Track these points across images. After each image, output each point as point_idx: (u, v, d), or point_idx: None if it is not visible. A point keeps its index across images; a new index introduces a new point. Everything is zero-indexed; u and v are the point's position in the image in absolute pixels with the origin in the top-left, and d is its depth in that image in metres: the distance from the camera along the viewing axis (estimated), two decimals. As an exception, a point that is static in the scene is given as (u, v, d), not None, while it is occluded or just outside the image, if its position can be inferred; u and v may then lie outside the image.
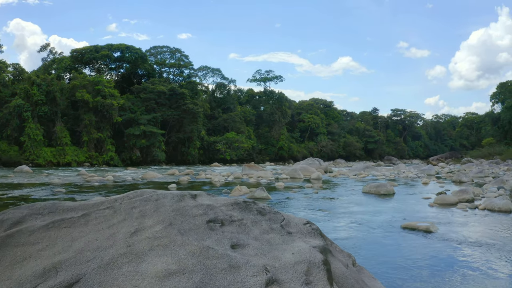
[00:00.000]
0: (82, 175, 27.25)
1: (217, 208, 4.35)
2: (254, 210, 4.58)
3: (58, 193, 15.98)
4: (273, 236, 4.08)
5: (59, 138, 48.70)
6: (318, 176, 25.12)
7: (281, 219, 4.57)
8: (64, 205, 4.51)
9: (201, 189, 18.70)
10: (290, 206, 13.05)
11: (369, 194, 16.67)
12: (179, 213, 4.07)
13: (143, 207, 4.24)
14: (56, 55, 60.96)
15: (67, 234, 3.84)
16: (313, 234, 4.45)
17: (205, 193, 4.92)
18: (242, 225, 4.14)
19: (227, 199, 4.78)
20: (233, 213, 4.34)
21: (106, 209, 4.31)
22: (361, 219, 10.55)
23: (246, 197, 14.62)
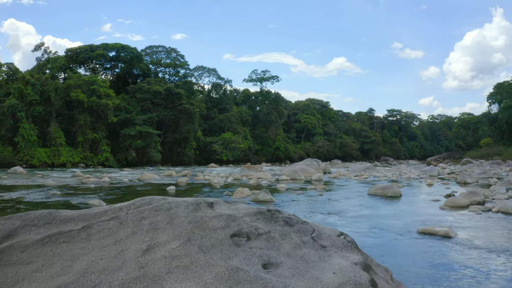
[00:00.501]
0: (77, 177, 26.60)
1: (239, 219, 3.76)
2: (280, 220, 4.00)
3: (53, 195, 15.35)
4: (306, 252, 3.50)
5: (54, 139, 47.93)
6: (319, 177, 24.55)
7: (311, 230, 3.99)
8: (61, 214, 3.92)
9: (201, 191, 18.11)
10: (296, 209, 12.47)
11: (375, 196, 16.12)
12: (197, 225, 3.48)
13: (153, 218, 3.65)
14: (51, 55, 60.17)
15: (67, 251, 3.25)
16: (350, 247, 3.88)
17: (222, 201, 4.33)
18: (270, 238, 3.56)
19: (249, 207, 4.19)
20: (258, 225, 3.76)
21: (110, 220, 3.71)
22: (375, 224, 9.99)
23: (249, 200, 14.06)
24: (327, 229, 4.18)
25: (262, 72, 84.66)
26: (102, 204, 12.54)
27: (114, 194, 16.32)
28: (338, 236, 4.03)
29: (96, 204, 12.56)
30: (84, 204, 12.95)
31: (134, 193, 17.18)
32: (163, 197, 4.33)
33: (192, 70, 75.68)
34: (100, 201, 12.76)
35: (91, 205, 12.55)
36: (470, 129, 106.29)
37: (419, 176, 28.12)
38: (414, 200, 15.36)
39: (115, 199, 14.68)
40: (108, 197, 15.30)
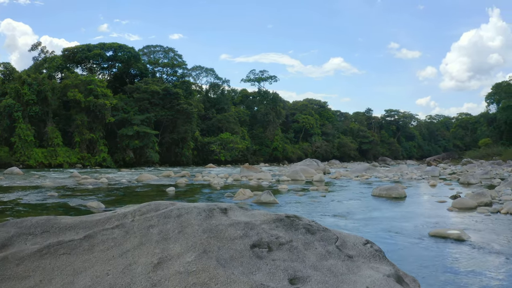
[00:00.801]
0: (74, 177, 26.21)
1: (258, 227, 3.41)
2: (301, 227, 3.65)
3: (50, 197, 14.97)
4: (333, 263, 3.15)
5: (51, 139, 47.49)
6: (321, 178, 24.19)
7: (335, 238, 3.65)
8: (60, 222, 3.56)
9: (201, 193, 17.75)
10: (301, 211, 12.12)
11: (380, 198, 15.78)
12: (212, 235, 3.13)
13: (163, 227, 3.29)
14: (48, 54, 59.67)
15: (67, 264, 2.89)
16: (378, 257, 3.53)
17: (236, 206, 3.98)
18: (293, 249, 3.21)
19: (266, 214, 3.84)
20: (279, 233, 3.41)
21: (115, 228, 3.35)
22: (386, 227, 9.65)
23: (251, 202, 13.71)
24: (351, 236, 3.84)
25: (260, 72, 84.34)
26: (101, 206, 12.17)
27: (113, 196, 15.96)
28: (364, 245, 3.68)
29: (94, 206, 12.19)
30: (83, 206, 12.58)
31: (133, 194, 16.82)
32: (171, 202, 3.98)
33: (189, 70, 75.36)
34: (98, 203, 12.40)
35: (89, 207, 12.18)
36: (468, 129, 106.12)
37: (421, 176, 27.78)
38: (420, 202, 15.03)
39: (113, 200, 14.32)
40: (107, 198, 14.93)
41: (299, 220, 3.81)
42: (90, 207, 12.19)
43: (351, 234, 3.93)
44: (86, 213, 11.39)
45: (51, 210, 11.85)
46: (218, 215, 3.57)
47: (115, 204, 13.01)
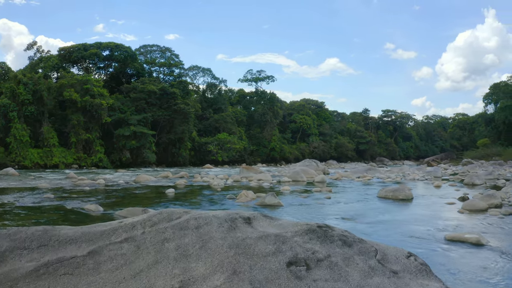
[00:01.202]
0: (71, 178, 25.69)
1: (290, 240, 2.95)
2: (336, 239, 3.19)
3: (46, 199, 14.46)
4: (380, 281, 2.70)
5: (46, 139, 46.86)
6: (322, 179, 23.74)
7: (374, 251, 3.19)
8: (59, 233, 3.09)
9: (202, 194, 17.27)
10: (307, 214, 11.66)
11: (386, 199, 15.34)
12: (240, 251, 2.66)
13: (180, 241, 2.82)
14: (43, 54, 59.01)
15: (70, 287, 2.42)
16: (425, 272, 3.09)
17: (260, 215, 3.50)
18: (333, 265, 2.75)
19: (295, 223, 3.37)
20: (314, 247, 2.95)
21: (123, 242, 2.88)
22: (400, 230, 9.21)
23: (255, 204, 13.25)
24: (391, 248, 3.38)
25: (257, 72, 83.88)
26: (99, 209, 11.68)
27: (111, 198, 15.46)
28: (407, 258, 3.24)
29: (92, 209, 11.70)
30: (80, 209, 12.09)
31: (131, 196, 16.32)
32: (185, 210, 3.50)
33: (186, 70, 74.73)
34: (96, 206, 11.90)
35: (87, 210, 11.70)
36: (466, 130, 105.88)
37: (424, 177, 27.35)
38: (428, 203, 14.57)
39: (112, 203, 13.82)
40: (105, 200, 14.44)
41: (332, 230, 3.35)
42: (88, 210, 11.70)
43: (390, 246, 3.48)
44: (84, 216, 10.90)
45: (48, 213, 11.36)
46: (242, 226, 3.10)
47: (113, 207, 12.52)
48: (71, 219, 10.38)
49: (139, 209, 10.54)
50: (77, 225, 9.42)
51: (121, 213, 10.70)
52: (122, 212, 10.74)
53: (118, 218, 10.36)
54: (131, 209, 10.69)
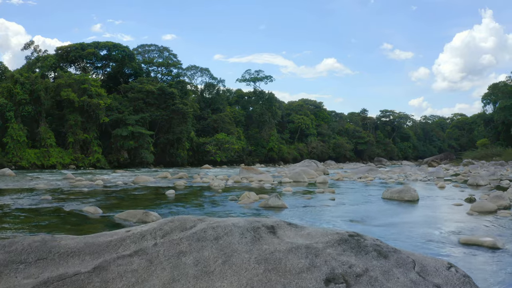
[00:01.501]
0: (68, 179, 25.30)
1: (322, 252, 2.60)
2: (371, 249, 2.84)
3: (44, 201, 14.08)
4: (426, 300, 2.34)
5: (44, 139, 46.46)
6: (324, 179, 23.39)
7: (411, 262, 2.84)
8: (60, 245, 2.72)
9: (203, 195, 16.90)
10: (314, 217, 11.31)
11: (391, 200, 15.00)
12: (270, 266, 2.31)
13: (199, 254, 2.46)
14: (41, 54, 58.54)
15: (72, 312, 2.06)
16: (468, 285, 2.74)
17: (284, 222, 3.15)
18: (373, 281, 2.41)
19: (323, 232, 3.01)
20: (350, 260, 2.60)
21: (133, 256, 2.51)
22: (411, 234, 8.85)
23: (258, 205, 12.89)
24: (428, 259, 3.04)
25: (256, 72, 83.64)
26: (98, 212, 11.31)
27: (110, 199, 15.08)
28: (448, 269, 2.89)
29: (91, 211, 11.32)
30: (78, 211, 11.71)
31: (131, 197, 15.95)
32: (199, 217, 3.15)
33: (184, 69, 74.42)
34: (95, 208, 11.53)
35: (86, 212, 11.33)
36: (465, 130, 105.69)
37: (426, 178, 27.03)
38: (435, 205, 14.23)
39: (111, 205, 13.45)
40: (104, 202, 14.06)
41: (364, 239, 3.00)
42: (86, 212, 11.33)
43: (427, 256, 3.13)
44: (83, 219, 10.54)
45: (46, 215, 10.99)
46: (266, 236, 2.74)
47: (113, 209, 12.16)
48: (70, 222, 10.02)
49: (139, 211, 10.18)
50: (77, 228, 9.07)
51: (121, 215, 10.34)
52: (122, 214, 10.37)
53: (119, 221, 9.99)
54: (132, 212, 10.32)
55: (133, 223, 9.72)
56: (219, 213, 11.77)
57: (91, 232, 8.87)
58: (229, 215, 11.14)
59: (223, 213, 11.65)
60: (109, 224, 9.76)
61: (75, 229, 9.07)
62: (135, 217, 9.96)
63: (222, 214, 11.48)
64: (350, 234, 3.02)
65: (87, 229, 8.99)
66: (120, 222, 9.90)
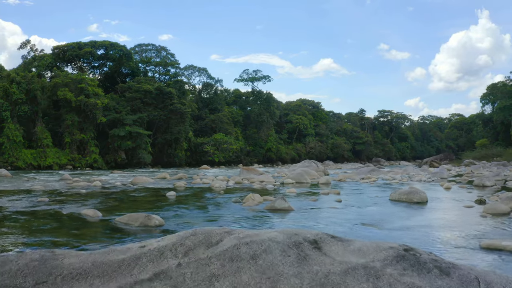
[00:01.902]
0: (65, 180, 24.78)
1: (382, 272, 2.18)
2: (431, 267, 2.44)
3: (40, 203, 13.58)
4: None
5: (40, 140, 45.92)
6: (327, 180, 22.92)
7: (474, 279, 2.42)
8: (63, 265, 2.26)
9: (204, 197, 16.40)
10: (322, 220, 10.83)
11: (399, 202, 14.54)
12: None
13: (236, 278, 2.03)
14: (37, 53, 57.93)
15: None
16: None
17: (327, 236, 2.68)
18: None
19: (376, 247, 2.55)
20: (414, 281, 2.22)
21: (153, 280, 2.09)
22: (429, 238, 8.39)
23: (263, 208, 12.43)
24: (491, 274, 2.60)
25: (254, 71, 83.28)
26: (98, 215, 10.83)
27: (109, 201, 14.57)
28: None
29: (90, 214, 10.84)
30: (77, 214, 11.23)
31: (130, 199, 15.45)
32: (225, 229, 2.68)
33: (182, 69, 73.90)
34: (95, 211, 11.04)
35: (84, 215, 10.85)
36: (463, 130, 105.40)
37: (430, 178, 26.57)
38: (445, 207, 13.78)
39: (110, 207, 12.96)
40: (103, 204, 13.56)
41: (420, 254, 2.55)
42: (85, 215, 10.85)
43: (489, 270, 2.68)
44: (82, 222, 10.06)
45: (43, 219, 10.50)
46: (312, 253, 2.28)
47: (112, 212, 11.67)
48: (69, 226, 9.53)
49: (141, 215, 9.70)
50: (76, 233, 8.58)
51: (121, 219, 9.86)
52: (123, 218, 9.89)
53: (119, 225, 9.51)
54: (133, 215, 9.83)
55: (135, 227, 9.25)
56: (224, 216, 11.30)
57: (92, 237, 8.41)
58: (238, 221, 10.69)
59: (229, 217, 11.18)
60: (109, 228, 9.29)
61: (74, 234, 8.59)
62: (137, 221, 9.48)
63: (228, 217, 11.01)
64: (404, 248, 2.57)
65: (88, 234, 8.51)
66: (121, 226, 9.43)
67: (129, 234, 8.69)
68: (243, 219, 10.72)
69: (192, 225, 9.64)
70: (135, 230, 9.02)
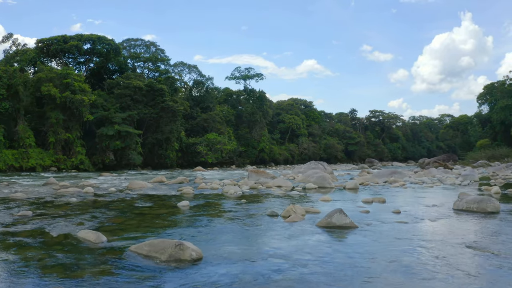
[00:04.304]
0: (51, 185, 21.66)
1: None
2: None
3: (22, 218, 10.49)
4: None
5: (22, 139, 42.42)
6: (355, 185, 19.99)
7: None
8: None
9: (224, 207, 13.40)
10: (408, 243, 7.87)
11: (469, 212, 11.72)
12: None
13: None
14: (20, 47, 54.39)
15: None
16: None
17: None
18: None
19: None
20: None
21: None
22: None
23: (316, 225, 9.52)
24: None
25: (246, 69, 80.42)
26: (102, 239, 7.80)
27: (109, 215, 11.45)
28: None
29: (92, 239, 7.79)
30: (72, 237, 8.20)
31: (136, 212, 12.33)
32: None
33: (172, 66, 70.68)
34: (97, 234, 7.99)
35: (83, 241, 7.82)
36: (459, 131, 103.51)
37: (462, 181, 23.76)
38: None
39: (115, 226, 9.90)
40: (103, 220, 10.47)
41: None
42: (84, 240, 7.82)
43: None
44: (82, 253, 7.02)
45: (25, 246, 7.44)
46: None
47: (119, 233, 8.66)
48: (62, 260, 6.48)
49: (169, 243, 6.68)
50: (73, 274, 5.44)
51: (140, 248, 6.84)
52: (141, 247, 6.86)
53: (138, 258, 6.51)
54: (156, 243, 6.81)
55: (162, 263, 6.26)
56: (272, 238, 8.30)
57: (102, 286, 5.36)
58: (300, 248, 7.66)
59: (278, 239, 8.19)
60: (124, 264, 6.25)
61: (71, 276, 5.52)
62: (164, 252, 6.47)
63: (277, 241, 8.03)
64: None
65: (94, 279, 5.42)
66: (141, 260, 6.42)
67: (157, 276, 5.69)
68: (305, 246, 7.72)
69: (241, 259, 6.69)
70: (164, 268, 6.03)
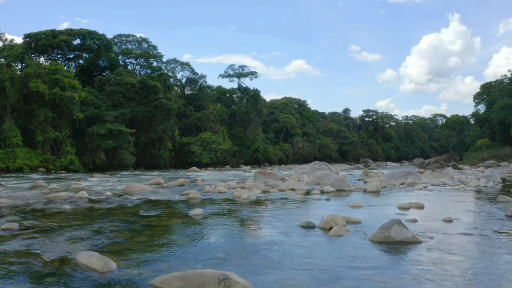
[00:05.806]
0: (39, 187, 19.71)
1: None
2: None
3: (6, 232, 8.58)
4: None
5: (9, 138, 40.28)
6: (378, 188, 18.23)
7: None
8: None
9: (243, 216, 11.56)
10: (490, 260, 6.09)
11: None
12: None
13: None
14: (7, 42, 52.20)
15: None
16: None
17: None
18: None
19: None
20: None
21: None
22: None
23: (369, 239, 7.74)
24: None
25: (240, 67, 78.63)
26: (110, 267, 5.93)
27: (112, 228, 9.52)
28: None
29: (98, 267, 5.91)
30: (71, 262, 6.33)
31: (142, 223, 10.43)
32: None
33: (164, 63, 68.66)
34: (104, 260, 6.10)
35: (86, 268, 5.95)
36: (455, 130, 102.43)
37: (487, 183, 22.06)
38: None
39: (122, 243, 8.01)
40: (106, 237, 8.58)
41: None
42: (87, 268, 5.94)
43: None
44: (83, 285, 5.17)
45: (8, 277, 5.57)
46: None
47: (130, 255, 6.80)
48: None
49: (210, 275, 4.83)
50: None
51: (168, 283, 4.96)
52: (169, 280, 4.98)
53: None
54: (190, 275, 4.94)
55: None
56: (330, 262, 6.47)
57: None
58: (367, 278, 5.79)
59: (338, 261, 6.37)
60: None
61: None
62: (201, 291, 4.64)
63: (333, 266, 6.21)
64: None
65: None
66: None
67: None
68: (377, 271, 5.89)
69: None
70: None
